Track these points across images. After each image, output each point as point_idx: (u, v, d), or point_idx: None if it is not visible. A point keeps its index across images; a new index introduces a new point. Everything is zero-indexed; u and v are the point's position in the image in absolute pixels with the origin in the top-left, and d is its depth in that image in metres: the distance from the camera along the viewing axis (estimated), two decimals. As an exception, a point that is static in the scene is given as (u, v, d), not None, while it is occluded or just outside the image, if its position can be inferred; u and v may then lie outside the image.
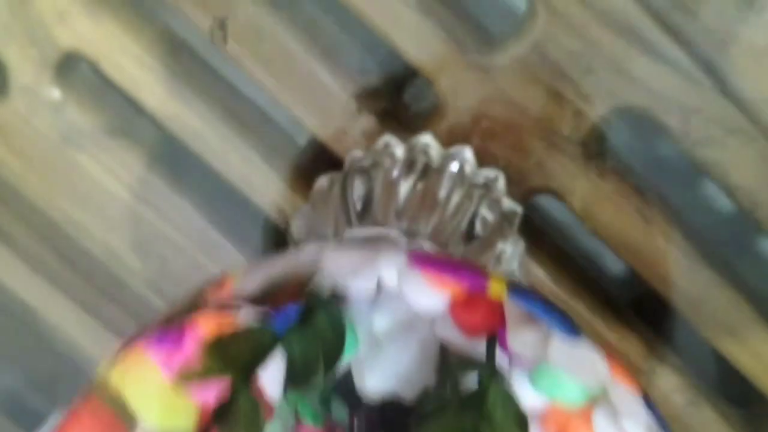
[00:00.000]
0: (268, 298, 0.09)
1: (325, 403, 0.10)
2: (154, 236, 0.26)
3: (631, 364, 0.23)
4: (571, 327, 0.10)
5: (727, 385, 0.24)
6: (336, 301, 0.09)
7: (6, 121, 0.26)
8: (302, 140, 0.23)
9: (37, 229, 0.27)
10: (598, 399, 0.09)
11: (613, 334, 0.23)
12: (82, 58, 0.24)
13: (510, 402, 0.09)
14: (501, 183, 0.22)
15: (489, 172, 0.22)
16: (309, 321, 0.09)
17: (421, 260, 0.10)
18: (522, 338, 0.09)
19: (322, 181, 0.21)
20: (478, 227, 0.20)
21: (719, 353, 0.23)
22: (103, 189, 0.26)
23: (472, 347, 0.10)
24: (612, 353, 0.10)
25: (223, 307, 0.09)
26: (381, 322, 0.10)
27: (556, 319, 0.10)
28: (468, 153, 0.21)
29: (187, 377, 0.08)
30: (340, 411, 0.10)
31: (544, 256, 0.23)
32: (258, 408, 0.08)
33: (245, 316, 0.09)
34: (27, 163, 0.26)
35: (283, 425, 0.10)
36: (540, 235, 0.24)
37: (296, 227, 0.22)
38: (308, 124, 0.22)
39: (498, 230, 0.20)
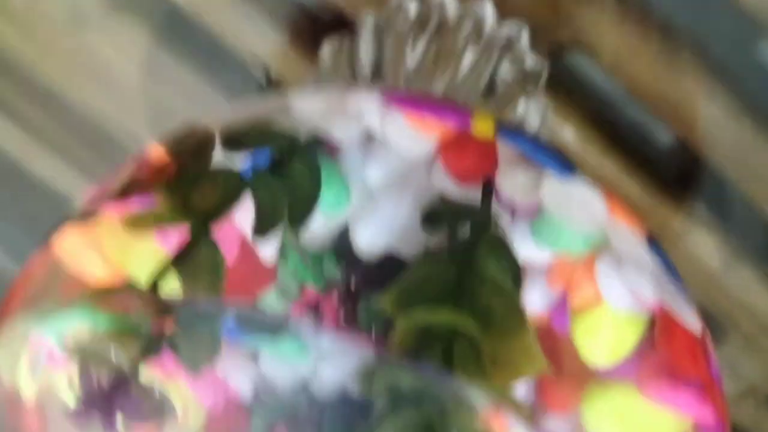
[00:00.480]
0: (236, 142, 0.08)
1: (322, 263, 0.10)
2: (165, 108, 0.26)
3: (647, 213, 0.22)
4: (566, 164, 0.09)
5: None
6: (316, 147, 0.09)
7: (14, 8, 0.25)
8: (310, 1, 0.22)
9: (54, 110, 0.28)
10: (601, 247, 0.09)
11: (647, 196, 0.23)
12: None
13: (504, 253, 0.08)
14: (525, 38, 0.20)
15: (511, 27, 0.20)
16: (281, 166, 0.08)
17: (399, 99, 0.09)
18: (514, 180, 0.08)
19: (331, 44, 0.19)
20: (499, 86, 0.18)
21: (760, 212, 0.22)
22: (112, 64, 0.25)
23: (468, 196, 0.09)
24: (611, 191, 0.09)
25: (190, 152, 0.09)
26: (374, 173, 0.10)
27: (548, 156, 0.09)
28: (488, 6, 0.20)
29: (144, 221, 0.08)
30: (333, 270, 0.10)
31: (573, 116, 0.22)
32: (220, 257, 0.08)
33: (213, 159, 0.08)
34: (39, 47, 0.26)
35: (284, 292, 0.10)
36: (568, 94, 0.22)
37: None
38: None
39: (519, 89, 0.19)
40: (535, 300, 0.09)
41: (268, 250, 0.10)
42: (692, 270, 0.24)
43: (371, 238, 0.10)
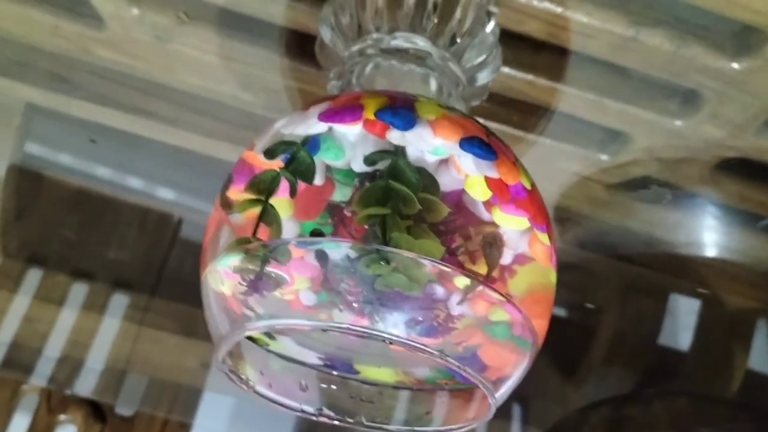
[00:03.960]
0: (270, 152, 0.18)
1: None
2: (253, 79, 0.35)
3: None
4: (410, 119, 0.18)
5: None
6: (306, 142, 0.18)
7: (115, 40, 0.35)
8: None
9: (170, 100, 0.37)
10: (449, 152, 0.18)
11: None
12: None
13: (410, 167, 0.17)
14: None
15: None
16: (294, 159, 0.18)
17: (327, 116, 0.18)
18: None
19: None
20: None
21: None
22: (199, 57, 0.34)
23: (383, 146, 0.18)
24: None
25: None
26: (347, 141, 0.19)
27: (403, 120, 0.17)
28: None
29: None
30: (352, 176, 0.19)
31: None
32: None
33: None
34: (145, 62, 0.35)
35: (343, 192, 0.19)
36: None
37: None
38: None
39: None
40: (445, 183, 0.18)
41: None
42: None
43: (357, 164, 0.19)
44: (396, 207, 0.17)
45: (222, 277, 0.18)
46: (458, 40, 0.27)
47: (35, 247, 0.52)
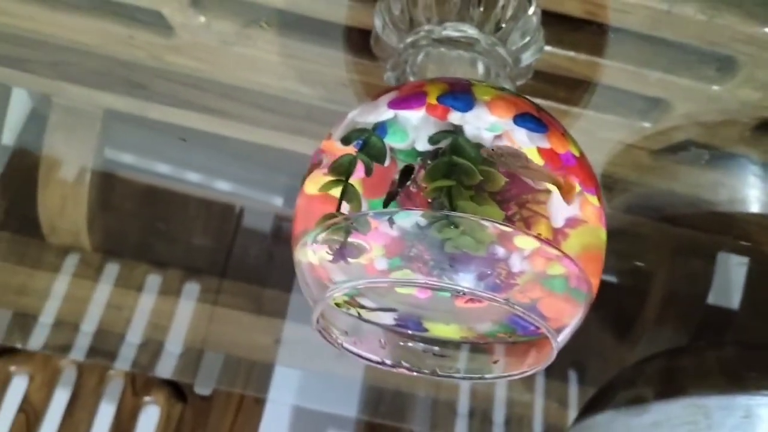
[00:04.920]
0: (346, 139, 0.21)
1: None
2: (311, 74, 0.38)
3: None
4: (469, 102, 0.20)
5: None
6: (377, 128, 0.21)
7: (184, 46, 0.38)
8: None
9: (237, 98, 0.40)
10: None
11: None
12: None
13: (470, 144, 0.20)
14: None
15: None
16: (367, 143, 0.20)
17: (394, 103, 0.20)
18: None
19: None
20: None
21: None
22: (261, 57, 0.37)
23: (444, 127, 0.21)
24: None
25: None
26: (411, 124, 0.21)
27: (462, 102, 0.20)
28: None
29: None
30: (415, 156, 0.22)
31: None
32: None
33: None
34: (211, 65, 0.39)
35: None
36: None
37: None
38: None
39: None
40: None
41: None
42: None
43: (421, 144, 0.21)
44: (459, 179, 0.20)
45: (312, 249, 0.21)
46: (503, 26, 0.29)
47: (113, 240, 0.56)
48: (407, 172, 0.20)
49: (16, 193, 0.47)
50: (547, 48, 0.32)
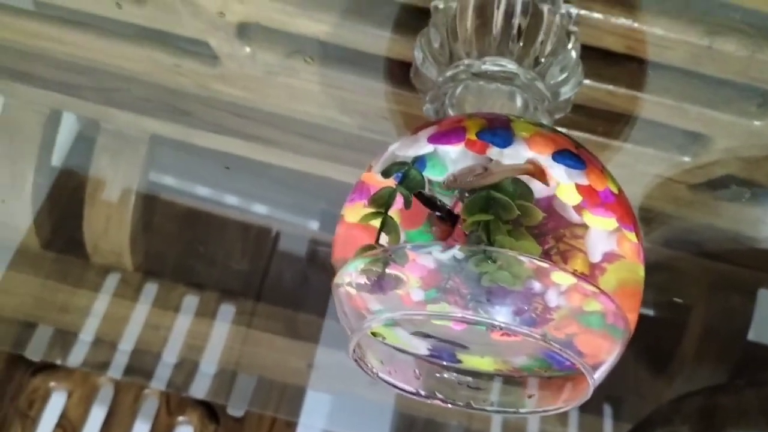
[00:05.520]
0: (386, 172, 0.21)
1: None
2: (351, 103, 0.38)
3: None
4: (508, 138, 0.20)
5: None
6: (416, 161, 0.21)
7: (229, 75, 0.39)
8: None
9: (279, 126, 0.41)
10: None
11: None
12: (249, 24, 0.35)
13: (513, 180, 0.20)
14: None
15: None
16: (407, 176, 0.21)
17: (434, 138, 0.21)
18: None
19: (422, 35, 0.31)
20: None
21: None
22: (305, 89, 0.38)
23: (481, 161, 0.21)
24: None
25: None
26: (449, 158, 0.22)
27: (500, 138, 0.20)
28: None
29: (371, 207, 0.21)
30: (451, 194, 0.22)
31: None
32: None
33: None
34: (255, 94, 0.40)
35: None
36: None
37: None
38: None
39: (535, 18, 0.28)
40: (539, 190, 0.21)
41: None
42: None
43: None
44: (497, 213, 0.20)
45: (350, 278, 0.21)
46: (542, 60, 0.29)
47: (153, 260, 0.57)
48: (429, 203, 0.21)
49: (62, 214, 0.48)
50: (586, 82, 0.32)
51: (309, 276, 0.62)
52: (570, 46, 0.30)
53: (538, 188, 0.21)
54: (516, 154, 0.21)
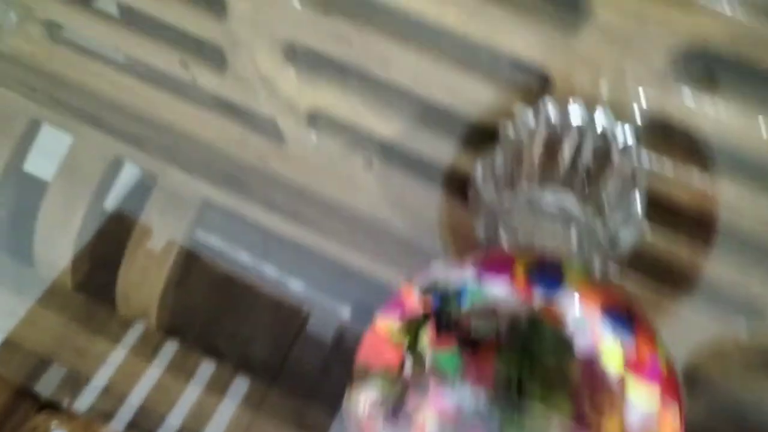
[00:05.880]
0: (424, 293, 0.20)
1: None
2: (404, 207, 0.38)
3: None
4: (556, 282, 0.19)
5: None
6: (457, 289, 0.20)
7: (292, 157, 0.39)
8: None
9: (329, 213, 0.41)
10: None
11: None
12: (319, 113, 0.36)
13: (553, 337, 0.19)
14: (612, 121, 0.29)
15: (602, 117, 0.29)
16: (446, 301, 0.20)
17: (482, 266, 0.20)
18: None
19: (482, 162, 0.30)
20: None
21: None
22: (362, 183, 0.38)
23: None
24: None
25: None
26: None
27: (552, 283, 0.19)
28: (578, 108, 0.29)
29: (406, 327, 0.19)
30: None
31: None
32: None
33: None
34: (313, 177, 0.40)
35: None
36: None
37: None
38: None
39: (605, 160, 0.28)
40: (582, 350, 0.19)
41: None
42: None
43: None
44: (533, 367, 0.18)
45: (365, 397, 0.20)
46: (605, 204, 0.28)
47: (178, 321, 0.56)
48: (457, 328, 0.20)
49: (101, 258, 0.49)
50: (648, 233, 0.31)
51: (331, 365, 0.60)
52: (636, 195, 0.29)
53: (582, 347, 0.20)
54: (563, 304, 0.19)
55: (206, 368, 0.60)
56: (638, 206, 0.29)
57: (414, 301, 0.20)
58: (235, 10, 0.33)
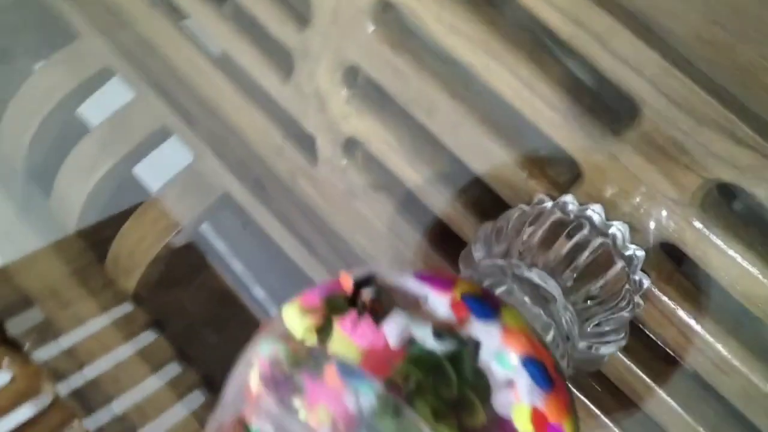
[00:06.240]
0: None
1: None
2: (401, 257, 0.38)
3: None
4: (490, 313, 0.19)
5: None
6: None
7: (318, 179, 0.40)
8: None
9: (333, 243, 0.41)
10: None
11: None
12: (357, 141, 0.37)
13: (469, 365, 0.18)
14: (626, 233, 0.29)
15: (618, 225, 0.29)
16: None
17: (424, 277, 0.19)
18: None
19: (483, 228, 0.30)
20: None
21: None
22: (371, 223, 0.38)
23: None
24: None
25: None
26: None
27: (486, 312, 0.19)
28: (598, 208, 0.29)
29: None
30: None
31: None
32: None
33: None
34: (331, 205, 0.40)
35: None
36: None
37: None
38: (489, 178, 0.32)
39: (604, 264, 0.27)
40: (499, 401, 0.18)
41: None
42: None
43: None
44: (437, 384, 0.18)
45: (257, 362, 0.19)
46: (589, 305, 0.27)
47: (162, 310, 0.56)
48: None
49: (109, 216, 0.49)
50: (620, 353, 0.30)
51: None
52: (625, 311, 0.28)
53: (499, 399, 0.19)
54: (486, 332, 0.19)
55: (172, 368, 0.59)
56: (622, 323, 0.28)
57: (347, 285, 0.20)
58: (318, 21, 0.35)
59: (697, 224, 0.27)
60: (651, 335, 0.30)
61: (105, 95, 0.46)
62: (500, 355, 0.19)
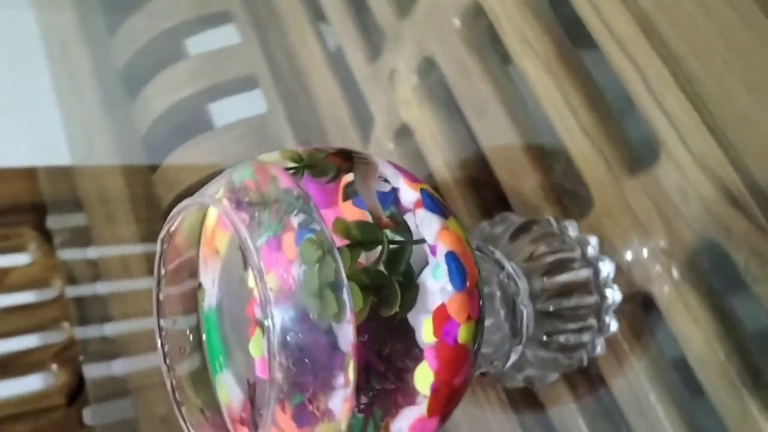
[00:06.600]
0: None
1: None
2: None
3: None
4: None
5: None
6: None
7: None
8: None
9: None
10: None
11: None
12: (409, 130, 0.39)
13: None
14: (611, 272, 0.29)
15: (607, 262, 0.29)
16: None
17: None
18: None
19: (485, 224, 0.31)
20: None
21: None
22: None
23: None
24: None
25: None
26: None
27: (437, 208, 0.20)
28: (594, 240, 0.30)
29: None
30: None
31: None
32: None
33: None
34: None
35: None
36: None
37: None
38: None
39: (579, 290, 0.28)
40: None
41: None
42: None
43: None
44: (369, 252, 0.19)
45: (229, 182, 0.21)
46: (551, 309, 0.28)
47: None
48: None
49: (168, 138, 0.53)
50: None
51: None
52: (584, 338, 0.29)
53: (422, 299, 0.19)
54: (427, 222, 0.20)
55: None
56: (572, 353, 0.29)
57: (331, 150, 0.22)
58: (418, 11, 0.38)
59: (681, 287, 0.28)
60: (602, 381, 0.30)
61: (215, 34, 0.51)
62: (436, 269, 0.20)
